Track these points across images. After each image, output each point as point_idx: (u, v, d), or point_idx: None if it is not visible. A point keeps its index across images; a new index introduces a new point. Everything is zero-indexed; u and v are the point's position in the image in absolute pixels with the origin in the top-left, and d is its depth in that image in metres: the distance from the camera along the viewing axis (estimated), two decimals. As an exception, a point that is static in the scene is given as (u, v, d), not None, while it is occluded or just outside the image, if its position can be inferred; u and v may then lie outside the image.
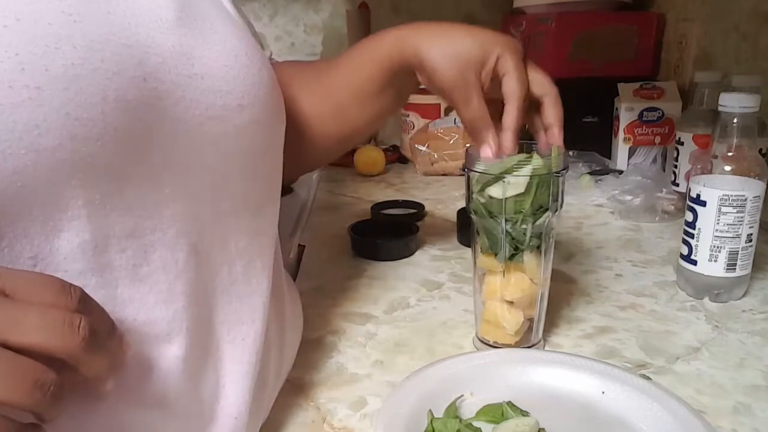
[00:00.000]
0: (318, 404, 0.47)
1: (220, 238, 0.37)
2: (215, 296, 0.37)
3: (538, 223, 0.50)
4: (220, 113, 0.35)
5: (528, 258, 0.51)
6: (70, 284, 0.25)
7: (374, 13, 1.30)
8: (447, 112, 1.26)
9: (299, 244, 0.82)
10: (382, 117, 0.60)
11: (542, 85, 0.52)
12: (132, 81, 0.30)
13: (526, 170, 0.48)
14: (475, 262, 0.54)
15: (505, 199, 0.48)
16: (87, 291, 0.27)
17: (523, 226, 0.50)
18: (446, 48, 0.50)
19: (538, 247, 0.51)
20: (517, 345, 0.53)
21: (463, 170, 0.51)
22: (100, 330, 0.26)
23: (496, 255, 0.51)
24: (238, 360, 0.38)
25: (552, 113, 0.52)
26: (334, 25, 1.40)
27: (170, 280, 0.33)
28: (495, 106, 0.51)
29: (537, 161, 0.48)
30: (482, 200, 0.50)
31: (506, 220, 0.49)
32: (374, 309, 0.63)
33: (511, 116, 0.50)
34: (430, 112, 1.26)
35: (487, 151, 0.50)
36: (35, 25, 0.26)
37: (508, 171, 0.48)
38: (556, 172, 0.49)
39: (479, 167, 0.50)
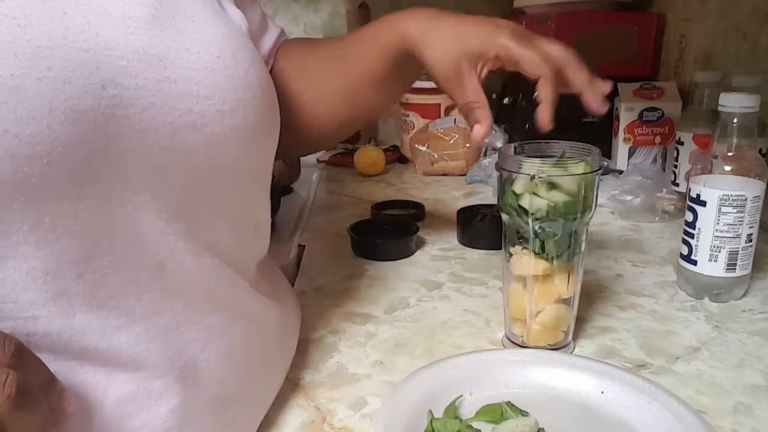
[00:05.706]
0: (318, 404, 0.47)
1: (194, 253, 0.34)
2: (184, 312, 0.34)
3: (586, 219, 0.51)
4: (196, 120, 0.33)
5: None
6: (5, 336, 0.24)
7: (374, 13, 1.30)
8: (447, 112, 1.26)
9: (299, 244, 0.82)
10: (387, 102, 0.60)
11: (560, 56, 0.51)
12: (86, 89, 0.27)
13: (583, 168, 0.49)
14: (510, 269, 0.53)
15: (582, 198, 0.49)
16: (41, 322, 0.26)
17: (581, 224, 0.51)
18: (443, 41, 0.50)
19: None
20: (557, 345, 0.54)
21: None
22: (33, 387, 0.24)
23: (548, 258, 0.51)
24: (216, 378, 0.36)
25: (577, 78, 0.51)
26: (334, 25, 1.40)
27: (130, 303, 0.31)
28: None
29: (584, 159, 0.50)
30: (549, 203, 0.49)
31: (573, 220, 0.50)
32: (374, 309, 0.63)
33: (544, 90, 0.49)
34: (430, 112, 1.26)
35: (479, 129, 0.51)
36: None
37: (562, 169, 0.49)
38: (603, 169, 0.51)
39: (531, 170, 0.48)
